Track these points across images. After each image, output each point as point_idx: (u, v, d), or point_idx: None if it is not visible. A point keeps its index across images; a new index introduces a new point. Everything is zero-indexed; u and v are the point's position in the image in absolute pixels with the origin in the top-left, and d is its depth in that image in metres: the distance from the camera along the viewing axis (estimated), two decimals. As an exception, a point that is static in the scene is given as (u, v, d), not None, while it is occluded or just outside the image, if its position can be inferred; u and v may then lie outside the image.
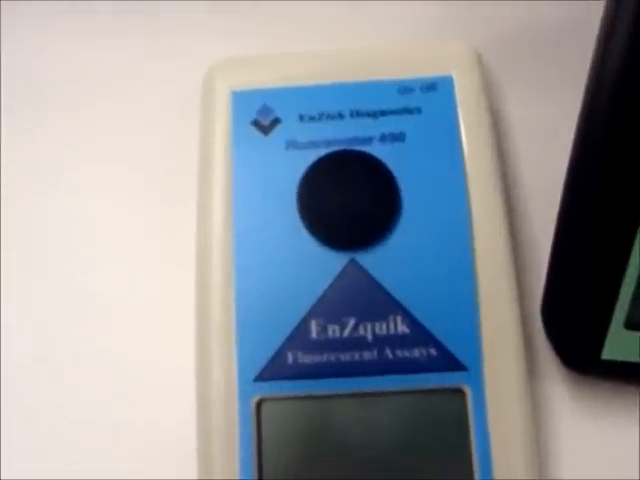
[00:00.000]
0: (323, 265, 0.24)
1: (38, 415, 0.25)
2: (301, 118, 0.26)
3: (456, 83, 0.26)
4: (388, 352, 0.24)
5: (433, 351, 0.23)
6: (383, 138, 0.25)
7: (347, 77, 0.26)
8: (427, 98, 0.26)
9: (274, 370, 0.23)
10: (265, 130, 0.26)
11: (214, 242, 0.25)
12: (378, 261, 0.24)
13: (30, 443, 0.25)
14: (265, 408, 0.23)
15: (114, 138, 0.29)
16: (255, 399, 0.23)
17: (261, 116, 0.26)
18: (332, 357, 0.24)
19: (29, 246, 0.27)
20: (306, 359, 0.24)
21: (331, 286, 0.24)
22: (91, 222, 0.27)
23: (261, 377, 0.23)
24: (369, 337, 0.24)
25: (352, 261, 0.24)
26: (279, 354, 0.24)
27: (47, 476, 0.24)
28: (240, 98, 0.26)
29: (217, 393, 0.23)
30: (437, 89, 0.26)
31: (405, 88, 0.26)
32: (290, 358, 0.24)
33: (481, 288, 0.24)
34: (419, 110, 0.25)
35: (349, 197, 0.24)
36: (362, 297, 0.24)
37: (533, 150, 0.28)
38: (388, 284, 0.24)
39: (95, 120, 0.29)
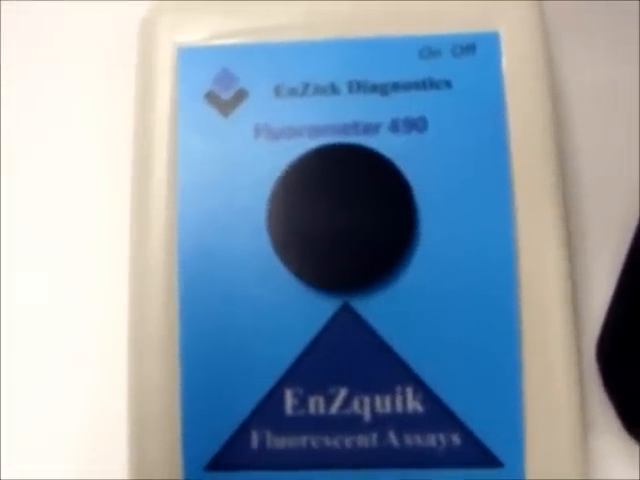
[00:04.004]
0: (303, 312, 0.18)
1: None
2: (277, 91, 0.18)
3: (504, 44, 0.18)
4: (393, 438, 0.17)
5: (456, 438, 0.17)
6: (395, 125, 0.18)
7: (345, 32, 0.18)
8: (461, 66, 0.18)
9: (233, 456, 0.17)
10: (225, 108, 0.18)
11: (150, 274, 0.18)
12: (382, 308, 0.17)
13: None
14: (220, 507, 0.17)
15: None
16: (206, 494, 0.17)
17: (220, 86, 0.18)
18: (313, 441, 0.17)
19: None
20: (277, 443, 0.17)
21: (314, 342, 0.17)
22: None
23: (215, 465, 0.17)
24: (367, 416, 0.17)
25: (345, 307, 0.18)
26: (240, 435, 0.17)
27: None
28: (190, 58, 0.18)
29: (155, 485, 0.17)
30: (476, 52, 0.18)
31: (429, 50, 0.18)
32: (255, 440, 0.17)
33: (527, 351, 0.17)
34: (448, 84, 0.18)
35: (343, 215, 0.17)
36: (358, 359, 0.17)
37: (603, 135, 0.20)
38: (395, 341, 0.17)
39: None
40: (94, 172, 0.21)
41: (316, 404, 0.17)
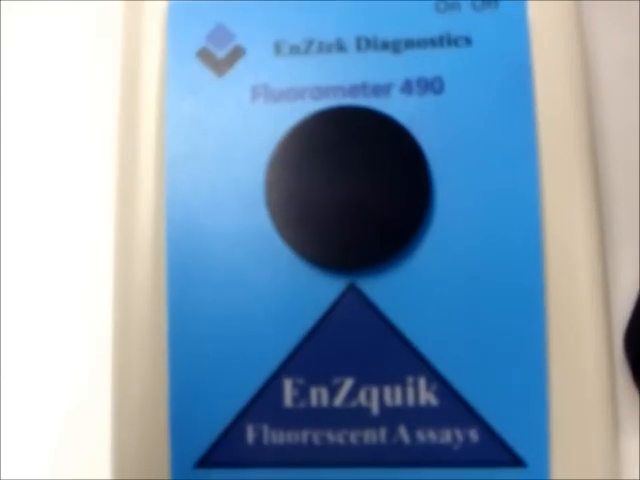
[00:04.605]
0: (305, 294, 0.16)
1: None
2: (277, 49, 0.16)
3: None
4: (403, 433, 0.16)
5: (474, 434, 0.16)
6: (408, 86, 0.16)
7: (353, -18, 0.16)
8: (482, 21, 0.16)
9: (226, 452, 0.16)
10: (219, 67, 0.16)
11: (137, 253, 0.16)
12: (392, 290, 0.16)
13: None
14: (211, 508, 0.16)
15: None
16: (196, 494, 0.16)
17: (214, 43, 0.16)
18: (315, 437, 0.16)
19: None
20: (275, 438, 0.16)
21: (317, 327, 0.16)
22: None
23: (206, 462, 0.16)
24: (374, 409, 0.16)
25: (351, 288, 0.16)
26: (234, 429, 0.16)
27: None
28: (181, 13, 0.17)
29: (140, 484, 0.16)
30: (499, 6, 0.16)
31: (447, 3, 0.16)
32: (251, 435, 0.16)
33: (554, 338, 0.15)
34: (468, 40, 0.16)
35: (349, 186, 0.15)
36: (365, 346, 0.16)
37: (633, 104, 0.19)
38: (406, 326, 0.16)
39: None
40: (78, 141, 0.20)
41: (318, 395, 0.16)
